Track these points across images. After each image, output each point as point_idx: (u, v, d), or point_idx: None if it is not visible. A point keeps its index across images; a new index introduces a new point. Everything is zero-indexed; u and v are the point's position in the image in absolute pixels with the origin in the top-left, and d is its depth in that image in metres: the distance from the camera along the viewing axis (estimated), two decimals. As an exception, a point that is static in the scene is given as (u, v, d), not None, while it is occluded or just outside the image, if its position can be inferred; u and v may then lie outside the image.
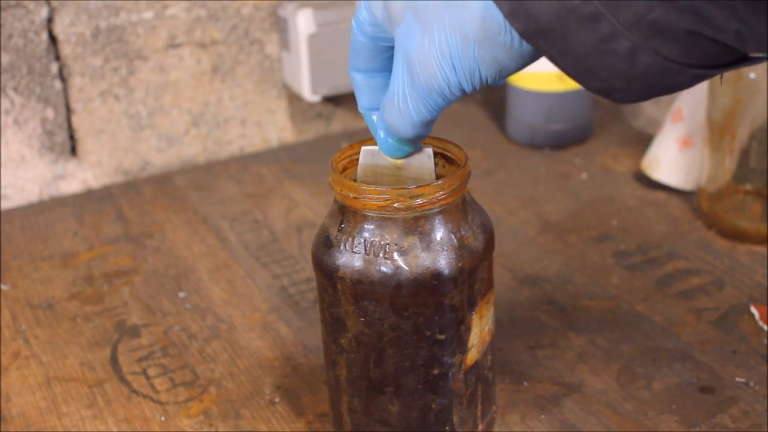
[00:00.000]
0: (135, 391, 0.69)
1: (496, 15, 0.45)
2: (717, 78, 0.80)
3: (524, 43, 0.45)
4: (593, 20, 0.41)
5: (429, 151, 0.55)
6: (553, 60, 0.44)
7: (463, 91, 0.48)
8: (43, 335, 0.76)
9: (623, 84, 0.44)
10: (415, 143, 0.53)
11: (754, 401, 0.65)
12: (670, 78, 0.43)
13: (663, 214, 0.89)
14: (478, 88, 0.48)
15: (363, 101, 0.54)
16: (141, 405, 0.68)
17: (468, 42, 0.46)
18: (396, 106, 0.50)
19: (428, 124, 0.51)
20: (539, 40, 0.43)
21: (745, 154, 0.82)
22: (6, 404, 0.69)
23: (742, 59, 0.42)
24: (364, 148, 0.56)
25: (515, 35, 0.45)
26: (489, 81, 0.48)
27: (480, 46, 0.46)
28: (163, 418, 0.66)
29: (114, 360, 0.73)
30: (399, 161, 0.55)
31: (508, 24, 0.44)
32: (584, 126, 1.03)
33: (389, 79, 0.52)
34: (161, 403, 0.68)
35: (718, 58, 0.42)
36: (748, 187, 0.84)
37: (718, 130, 0.82)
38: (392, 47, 0.51)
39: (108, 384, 0.70)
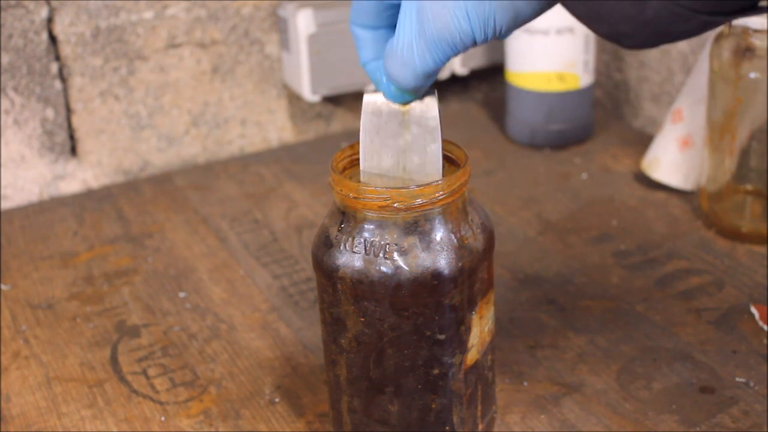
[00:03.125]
0: (135, 391, 0.69)
1: None
2: (717, 78, 0.80)
3: None
4: None
5: (433, 95, 0.54)
6: (564, 4, 0.44)
7: (474, 42, 0.48)
8: (43, 335, 0.76)
9: (632, 29, 0.43)
10: (417, 92, 0.53)
11: (754, 401, 0.65)
12: (679, 24, 0.43)
13: (663, 214, 0.89)
14: (489, 39, 0.48)
15: (365, 55, 0.54)
16: (141, 405, 0.68)
17: None
18: (400, 56, 0.50)
19: (431, 75, 0.51)
20: None
21: (745, 154, 0.82)
22: (6, 404, 0.69)
23: (751, 7, 0.42)
24: (366, 94, 0.55)
25: None
26: (503, 30, 0.47)
27: None
28: (163, 418, 0.66)
29: (114, 360, 0.73)
30: (403, 106, 0.55)
31: None
32: (584, 126, 1.03)
33: (392, 33, 0.52)
34: (161, 403, 0.68)
35: (727, 5, 0.42)
36: (748, 187, 0.84)
37: (718, 130, 0.82)
38: (397, 4, 0.51)
39: (108, 384, 0.70)
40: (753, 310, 0.74)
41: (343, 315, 0.56)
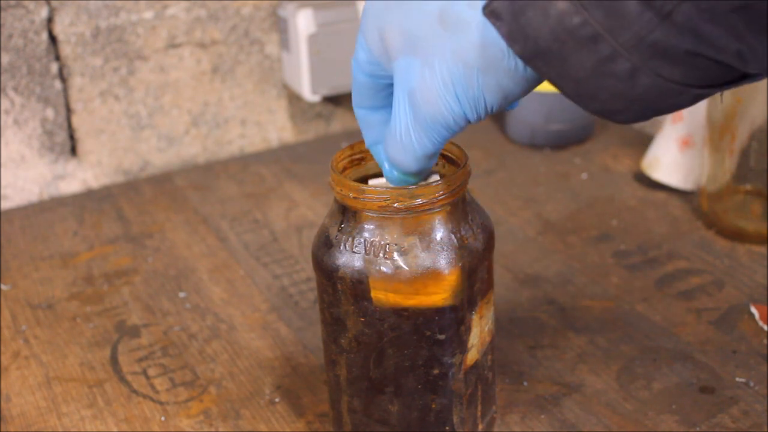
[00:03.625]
0: (135, 391, 0.69)
1: (498, 41, 0.44)
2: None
3: (528, 67, 0.45)
4: (592, 42, 0.41)
5: (435, 177, 0.55)
6: (553, 82, 0.44)
7: (468, 122, 0.48)
8: (43, 335, 0.76)
9: (623, 105, 0.43)
10: (420, 175, 0.53)
11: (754, 401, 0.65)
12: (670, 98, 0.43)
13: (663, 214, 0.89)
14: (482, 118, 0.48)
15: (369, 137, 0.54)
16: (141, 405, 0.68)
17: (471, 70, 0.46)
18: (399, 141, 0.50)
19: (432, 156, 0.50)
20: (538, 62, 0.43)
21: (745, 154, 0.82)
22: (6, 404, 0.69)
23: (742, 77, 0.42)
24: (371, 180, 0.56)
25: (519, 60, 0.44)
26: (494, 109, 0.47)
27: (483, 73, 0.45)
28: (163, 418, 0.66)
29: (114, 360, 0.73)
30: None
31: (510, 49, 0.44)
32: (584, 126, 1.03)
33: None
34: (161, 403, 0.68)
35: (718, 78, 0.42)
36: (748, 187, 0.84)
37: (718, 130, 0.82)
38: (392, 84, 0.51)
39: (108, 384, 0.70)
40: (753, 310, 0.74)
41: (343, 315, 0.56)
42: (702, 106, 0.86)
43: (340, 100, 1.10)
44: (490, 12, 0.43)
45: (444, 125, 0.48)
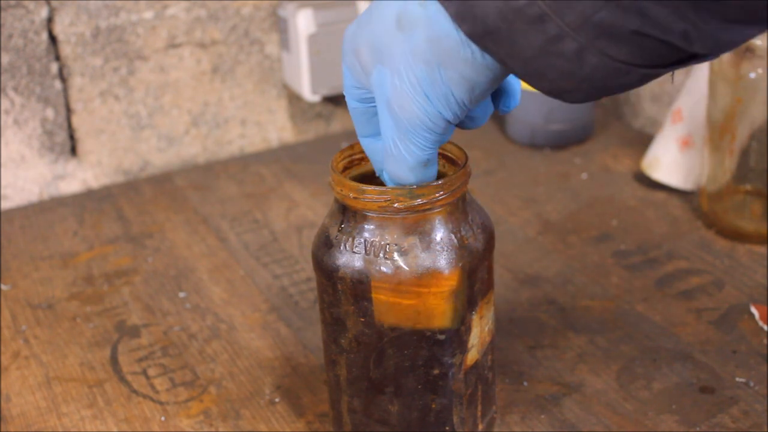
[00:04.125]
0: (135, 391, 0.69)
1: (451, 32, 0.45)
2: (717, 78, 0.80)
3: (486, 55, 0.45)
4: (539, 21, 0.42)
5: None
6: (503, 62, 0.44)
7: (447, 121, 0.49)
8: (43, 335, 0.76)
9: (572, 85, 0.44)
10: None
11: (754, 401, 0.65)
12: (618, 78, 0.43)
13: (663, 214, 0.89)
14: (459, 114, 0.48)
15: (376, 163, 0.55)
16: (141, 405, 0.68)
17: (431, 66, 0.46)
18: (391, 154, 0.50)
19: (426, 165, 0.51)
20: (487, 42, 0.44)
21: (745, 154, 0.82)
22: (6, 404, 0.69)
23: (690, 58, 0.42)
24: None
25: (474, 47, 0.45)
26: (467, 103, 0.48)
27: (444, 67, 0.46)
28: (163, 418, 0.66)
29: (114, 360, 0.73)
30: None
31: (463, 36, 0.45)
32: (584, 126, 1.03)
33: None
34: (161, 403, 0.68)
35: (665, 58, 0.42)
36: (748, 187, 0.84)
37: (718, 130, 0.82)
38: None
39: (108, 384, 0.70)
40: (753, 310, 0.74)
41: (343, 315, 0.56)
42: (702, 106, 0.86)
43: (340, 100, 1.10)
44: None
45: (423, 127, 0.49)
